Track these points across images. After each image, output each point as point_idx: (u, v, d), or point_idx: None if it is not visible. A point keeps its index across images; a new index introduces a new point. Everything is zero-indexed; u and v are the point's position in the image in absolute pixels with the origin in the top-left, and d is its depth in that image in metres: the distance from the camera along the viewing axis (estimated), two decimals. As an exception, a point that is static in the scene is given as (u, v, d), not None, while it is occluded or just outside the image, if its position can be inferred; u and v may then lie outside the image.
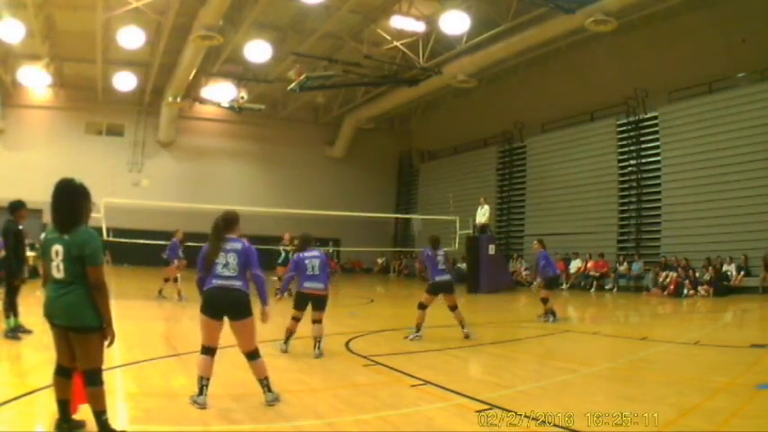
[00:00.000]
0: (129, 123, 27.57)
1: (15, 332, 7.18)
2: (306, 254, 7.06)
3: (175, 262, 12.69)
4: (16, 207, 7.27)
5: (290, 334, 7.09)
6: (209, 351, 4.62)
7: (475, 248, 18.21)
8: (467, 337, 8.30)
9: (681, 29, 18.28)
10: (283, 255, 14.79)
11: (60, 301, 3.52)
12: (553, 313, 10.62)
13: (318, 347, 6.84)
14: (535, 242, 11.81)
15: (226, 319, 4.65)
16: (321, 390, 5.13)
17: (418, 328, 8.30)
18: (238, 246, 4.74)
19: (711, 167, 16.78)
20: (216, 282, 4.63)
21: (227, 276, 4.64)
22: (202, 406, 4.44)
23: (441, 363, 6.87)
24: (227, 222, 4.83)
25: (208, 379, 4.56)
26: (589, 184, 20.76)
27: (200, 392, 4.51)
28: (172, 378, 5.54)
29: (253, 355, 4.65)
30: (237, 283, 4.64)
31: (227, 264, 4.66)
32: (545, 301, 10.73)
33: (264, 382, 4.63)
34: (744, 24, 16.55)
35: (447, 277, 8.40)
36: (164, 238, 12.14)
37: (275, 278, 14.65)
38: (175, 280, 12.39)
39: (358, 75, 21.67)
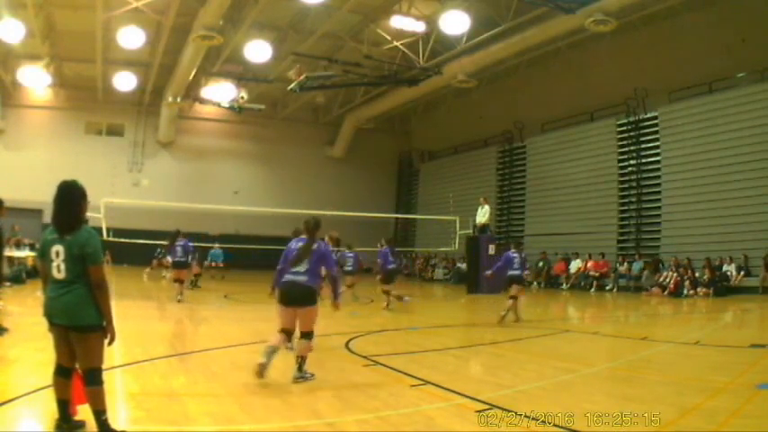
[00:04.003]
0: (129, 123, 27.55)
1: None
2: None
3: (194, 264, 12.72)
4: None
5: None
6: (285, 332, 5.48)
7: (475, 248, 18.20)
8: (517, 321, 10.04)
9: (681, 29, 18.27)
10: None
11: (61, 301, 3.52)
12: (399, 298, 12.32)
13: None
14: (382, 240, 13.94)
15: None
16: (321, 390, 5.13)
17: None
18: (315, 247, 5.50)
19: (711, 167, 16.76)
20: (288, 277, 5.43)
21: (297, 272, 5.40)
22: (264, 366, 5.13)
23: (441, 363, 6.87)
24: (308, 226, 5.60)
25: (277, 347, 5.30)
26: (589, 184, 20.75)
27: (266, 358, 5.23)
28: (172, 378, 5.54)
29: (306, 335, 5.45)
30: (304, 278, 5.38)
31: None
32: (386, 293, 12.43)
33: (299, 360, 5.36)
34: (744, 24, 16.55)
35: (519, 272, 10.19)
36: (164, 238, 11.91)
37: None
38: (181, 282, 12.06)
39: (358, 75, 21.64)
